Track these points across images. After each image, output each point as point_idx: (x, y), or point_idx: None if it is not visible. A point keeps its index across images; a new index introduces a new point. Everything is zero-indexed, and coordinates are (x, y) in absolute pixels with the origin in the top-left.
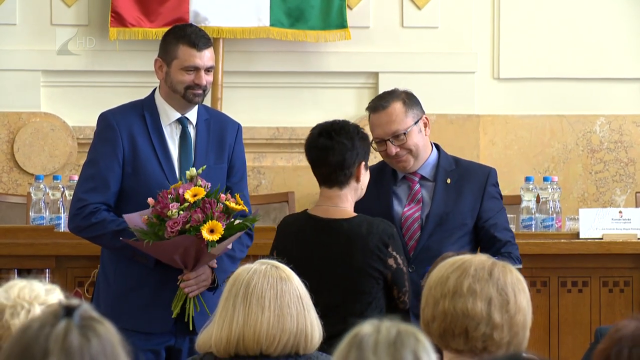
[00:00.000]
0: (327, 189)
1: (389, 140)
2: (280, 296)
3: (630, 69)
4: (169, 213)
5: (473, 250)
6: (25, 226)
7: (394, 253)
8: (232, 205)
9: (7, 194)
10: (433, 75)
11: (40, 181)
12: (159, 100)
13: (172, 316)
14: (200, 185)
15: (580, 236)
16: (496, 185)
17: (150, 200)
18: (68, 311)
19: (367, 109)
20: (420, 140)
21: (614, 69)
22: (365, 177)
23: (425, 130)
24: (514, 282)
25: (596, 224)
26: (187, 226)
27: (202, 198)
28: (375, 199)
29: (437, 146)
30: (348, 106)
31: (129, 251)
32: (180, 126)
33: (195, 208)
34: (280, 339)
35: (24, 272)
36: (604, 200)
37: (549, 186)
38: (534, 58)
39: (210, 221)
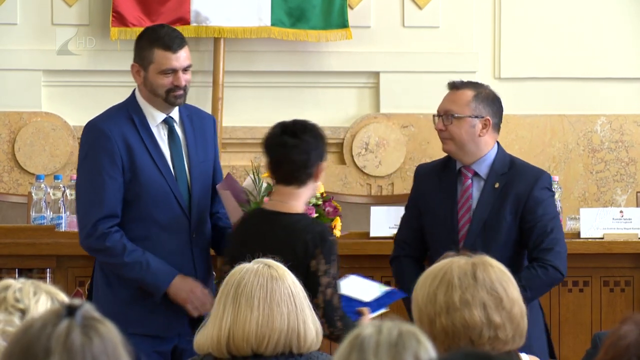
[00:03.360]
0: (283, 187)
1: (441, 116)
2: (270, 295)
3: (631, 68)
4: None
5: (521, 256)
6: (26, 226)
7: (321, 257)
8: (336, 203)
9: (8, 193)
10: (434, 75)
11: (41, 181)
12: (142, 102)
13: None
14: None
15: (581, 236)
16: (546, 189)
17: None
18: (70, 311)
19: (448, 85)
20: (466, 135)
21: (615, 68)
22: (322, 176)
23: (480, 130)
24: (499, 276)
25: (597, 224)
26: (316, 216)
27: (325, 195)
28: (439, 193)
29: (498, 145)
30: (349, 106)
31: (136, 283)
32: (167, 126)
33: (324, 200)
34: (270, 338)
35: (25, 272)
36: (604, 200)
37: None
38: (535, 58)
39: (336, 218)
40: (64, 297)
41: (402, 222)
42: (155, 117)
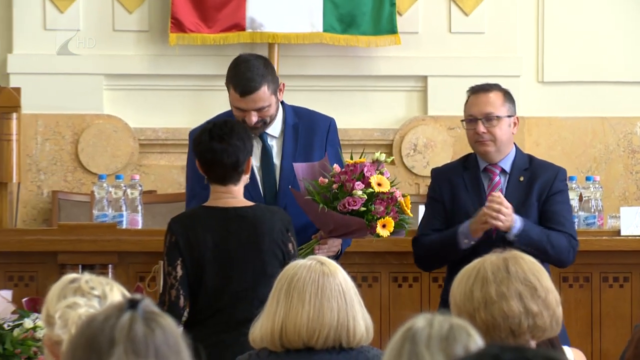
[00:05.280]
0: (220, 186)
1: (481, 119)
2: (322, 290)
3: None
4: (354, 192)
5: None
6: (89, 223)
7: (292, 239)
8: (406, 208)
9: (71, 192)
10: (480, 79)
11: (103, 180)
12: None
13: None
14: (382, 173)
15: (622, 233)
16: (564, 181)
17: (336, 167)
18: (132, 304)
19: (469, 91)
20: (506, 134)
21: None
22: (249, 168)
23: (513, 128)
24: (531, 267)
25: (637, 222)
26: (363, 210)
27: (390, 193)
28: (465, 190)
29: (515, 144)
30: (398, 109)
31: None
32: (261, 141)
33: (375, 199)
34: (320, 332)
35: (88, 268)
36: None
37: (591, 185)
38: (577, 62)
39: (387, 217)
40: (125, 291)
41: (428, 215)
42: None
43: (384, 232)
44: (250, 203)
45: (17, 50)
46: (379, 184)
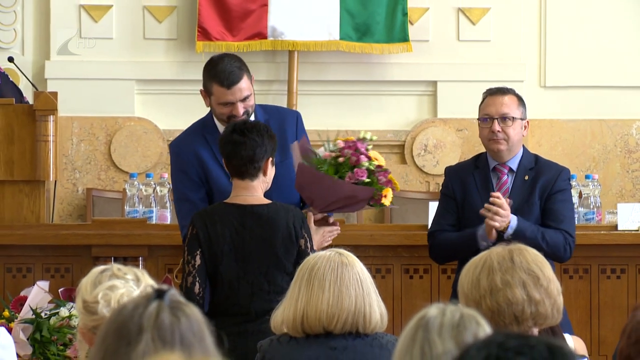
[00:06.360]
0: (239, 181)
1: (497, 119)
2: (340, 279)
3: None
4: (362, 164)
5: None
6: (121, 219)
7: (305, 235)
8: (396, 182)
9: (104, 190)
10: (486, 83)
11: (134, 179)
12: (216, 120)
13: None
14: (369, 149)
15: (619, 228)
16: (566, 181)
17: (340, 142)
18: (159, 294)
19: (485, 92)
20: (517, 135)
21: None
22: (271, 171)
23: (524, 131)
24: (535, 259)
25: (633, 217)
26: (367, 181)
27: (384, 167)
28: (475, 187)
29: (522, 145)
30: (409, 112)
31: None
32: None
33: (379, 171)
34: (339, 317)
35: (120, 260)
36: (639, 196)
37: (590, 183)
38: (577, 68)
39: (387, 188)
40: (153, 282)
41: (441, 211)
42: None
43: (385, 201)
44: (267, 201)
45: (54, 57)
46: (376, 159)
